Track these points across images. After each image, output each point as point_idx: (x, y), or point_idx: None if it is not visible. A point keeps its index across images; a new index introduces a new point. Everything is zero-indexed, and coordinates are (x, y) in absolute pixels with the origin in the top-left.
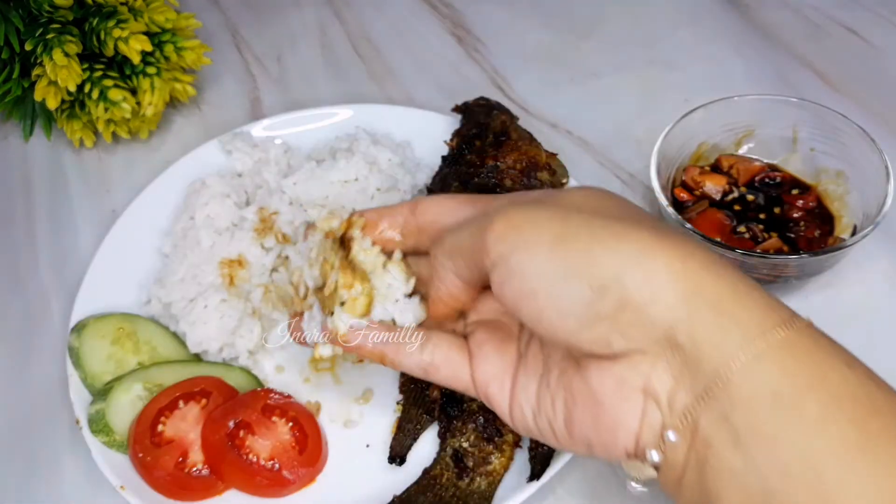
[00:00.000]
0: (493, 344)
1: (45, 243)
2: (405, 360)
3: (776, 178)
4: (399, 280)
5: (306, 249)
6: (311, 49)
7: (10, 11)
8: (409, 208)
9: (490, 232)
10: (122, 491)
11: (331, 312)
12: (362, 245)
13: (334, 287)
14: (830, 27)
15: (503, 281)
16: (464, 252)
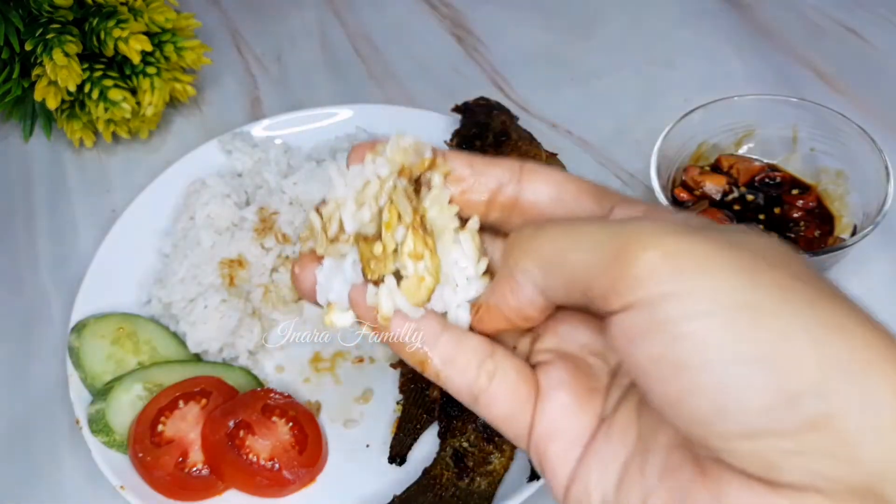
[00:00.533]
0: (573, 391)
1: (45, 243)
2: (455, 377)
3: (776, 178)
4: (469, 259)
5: (353, 177)
6: (311, 49)
7: (10, 11)
8: (513, 172)
9: (634, 260)
10: (122, 491)
11: (379, 279)
12: (439, 199)
13: (394, 249)
14: (830, 27)
15: (639, 335)
16: (572, 269)
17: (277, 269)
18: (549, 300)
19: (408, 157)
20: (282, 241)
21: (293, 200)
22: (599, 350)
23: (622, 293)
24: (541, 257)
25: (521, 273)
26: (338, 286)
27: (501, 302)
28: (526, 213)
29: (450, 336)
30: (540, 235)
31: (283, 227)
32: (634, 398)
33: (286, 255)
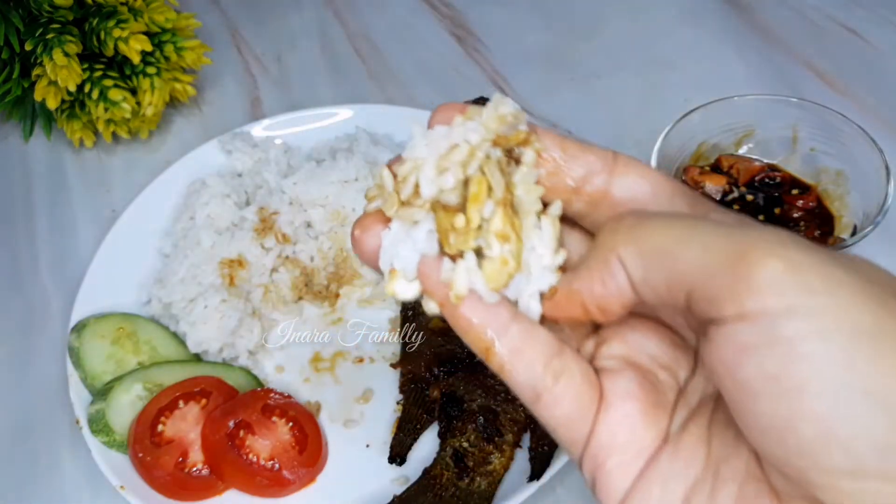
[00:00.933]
0: (639, 403)
1: (45, 243)
2: (520, 371)
3: (776, 178)
4: (548, 247)
5: (438, 138)
6: (311, 49)
7: (10, 11)
8: (605, 161)
9: (757, 266)
10: (122, 491)
11: (457, 254)
12: (528, 178)
13: (479, 224)
14: (830, 27)
15: (754, 348)
16: (681, 265)
17: (277, 269)
18: (640, 296)
19: (503, 127)
20: (282, 241)
21: (293, 200)
22: (668, 364)
23: (740, 300)
24: (646, 247)
25: (619, 261)
26: (405, 253)
27: (586, 289)
28: (615, 208)
29: (520, 327)
30: (648, 224)
31: (283, 227)
32: (704, 419)
33: (286, 255)
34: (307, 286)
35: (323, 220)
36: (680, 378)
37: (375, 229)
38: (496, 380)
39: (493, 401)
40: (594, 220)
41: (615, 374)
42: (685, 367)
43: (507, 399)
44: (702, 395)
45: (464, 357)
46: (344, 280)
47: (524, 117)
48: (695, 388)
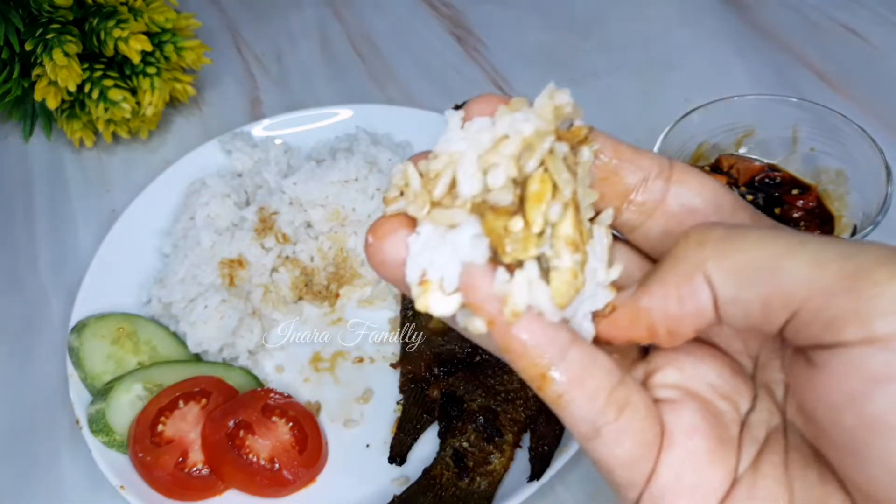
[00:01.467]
0: (706, 439)
1: (45, 243)
2: (580, 403)
3: (776, 178)
4: (602, 260)
5: (479, 131)
6: (311, 49)
7: (10, 11)
8: (662, 168)
9: (886, 285)
10: (122, 491)
11: (514, 262)
12: (584, 180)
13: (541, 230)
14: (830, 27)
15: (885, 377)
16: (785, 282)
17: (277, 269)
18: (723, 317)
19: (559, 119)
20: (282, 241)
21: (293, 200)
22: (728, 393)
23: (867, 321)
24: (740, 263)
25: (706, 277)
26: (443, 261)
27: (658, 308)
28: (671, 219)
29: (580, 351)
30: (741, 237)
31: (283, 227)
32: (777, 457)
33: (286, 255)
34: (307, 286)
35: (323, 220)
36: (741, 409)
37: (398, 234)
38: (496, 380)
39: (493, 401)
40: (645, 233)
41: (676, 406)
42: (746, 398)
43: (507, 399)
44: (768, 429)
45: (464, 357)
46: (344, 280)
47: (581, 111)
48: (759, 421)
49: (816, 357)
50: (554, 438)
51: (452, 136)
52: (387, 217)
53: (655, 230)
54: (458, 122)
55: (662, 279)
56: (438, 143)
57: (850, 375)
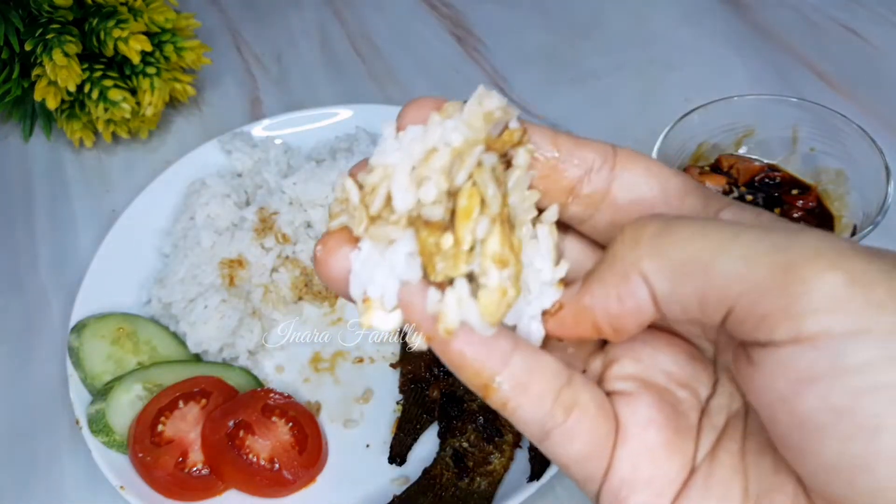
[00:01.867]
0: (661, 430)
1: (45, 243)
2: (526, 407)
3: (776, 179)
4: (547, 259)
5: (412, 141)
6: (310, 49)
7: (10, 12)
8: (605, 157)
9: (814, 280)
10: (122, 491)
11: (445, 280)
12: (522, 183)
13: (471, 246)
14: (830, 27)
15: (816, 378)
16: (718, 279)
17: (277, 269)
18: (664, 313)
19: (489, 125)
20: (282, 241)
21: (293, 200)
22: (686, 381)
23: (795, 320)
24: (675, 259)
25: (642, 275)
26: (382, 279)
27: (599, 307)
28: (618, 210)
29: (523, 356)
30: (675, 232)
31: (283, 227)
32: (735, 444)
33: (286, 255)
34: (307, 286)
35: (323, 220)
36: (701, 396)
37: (342, 250)
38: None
39: None
40: (594, 225)
41: (631, 399)
42: (705, 383)
43: None
44: (728, 414)
45: None
46: None
47: (514, 112)
48: (719, 407)
49: (753, 354)
50: None
51: (387, 147)
52: (331, 232)
53: (603, 222)
54: (391, 132)
55: (601, 278)
56: (374, 153)
57: (781, 376)
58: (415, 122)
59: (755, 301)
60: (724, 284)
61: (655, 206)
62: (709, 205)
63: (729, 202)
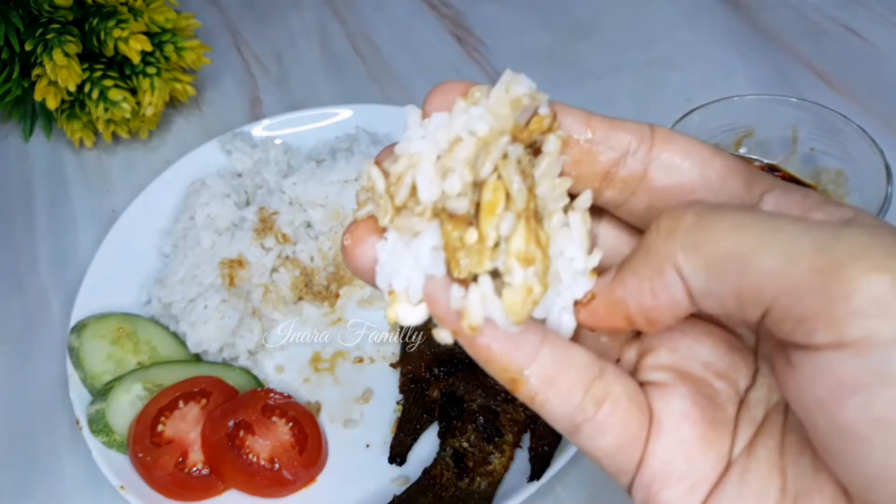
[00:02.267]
0: (696, 423)
1: (45, 243)
2: (555, 401)
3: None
4: (580, 248)
5: (437, 129)
6: (311, 49)
7: (10, 12)
8: (642, 138)
9: (859, 283)
10: (123, 491)
11: (469, 277)
12: (552, 171)
13: (496, 242)
14: (830, 27)
15: (860, 386)
16: (756, 277)
17: (277, 269)
18: (700, 308)
19: (517, 112)
20: (282, 241)
21: (293, 200)
22: (725, 371)
23: (837, 324)
24: (711, 254)
25: (676, 269)
26: (407, 272)
27: (633, 299)
28: (656, 194)
29: (551, 349)
30: (712, 225)
31: (283, 227)
32: (773, 440)
33: (286, 255)
34: (307, 286)
35: (323, 220)
36: (740, 387)
37: (369, 240)
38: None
39: (493, 401)
40: (630, 209)
41: (666, 391)
42: (744, 374)
43: (507, 399)
44: (767, 407)
45: (464, 357)
46: (344, 280)
47: (544, 98)
48: (758, 399)
49: (792, 356)
50: (554, 438)
51: (412, 135)
52: (358, 221)
53: (640, 206)
54: (417, 119)
55: (635, 270)
56: (400, 141)
57: (821, 382)
58: (440, 108)
59: (794, 302)
60: (762, 282)
61: (695, 190)
62: (752, 187)
63: (773, 183)
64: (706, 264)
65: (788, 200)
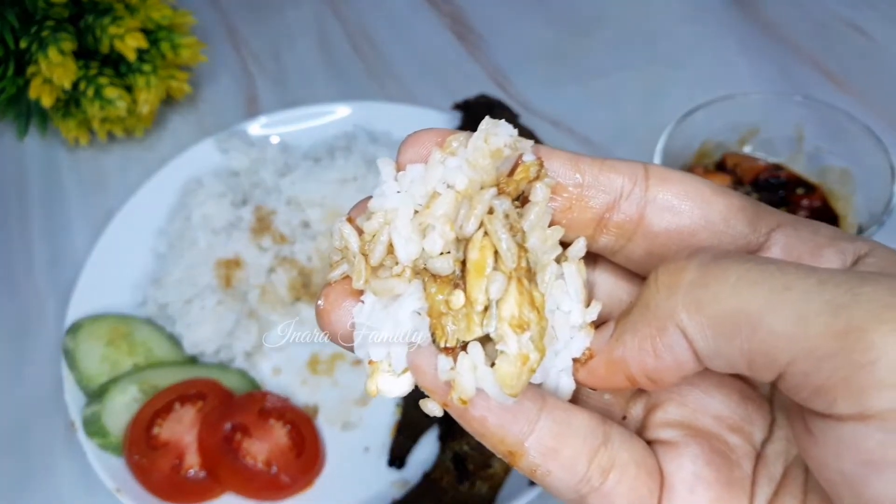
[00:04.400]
0: (711, 486)
1: (40, 243)
2: (558, 473)
3: (781, 177)
4: (576, 300)
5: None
6: (308, 46)
7: (6, 9)
8: (635, 179)
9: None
10: (118, 494)
11: (458, 346)
12: (541, 221)
13: (485, 306)
14: (835, 24)
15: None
16: (767, 341)
17: (274, 269)
18: (708, 367)
19: (497, 161)
20: (279, 240)
21: (290, 200)
22: (739, 424)
23: (860, 395)
24: (716, 314)
25: (680, 329)
26: (387, 339)
27: (633, 360)
28: (654, 238)
29: (551, 417)
30: (716, 280)
31: (280, 226)
32: (795, 498)
33: (283, 255)
34: (304, 287)
35: (320, 219)
36: (755, 440)
37: (345, 304)
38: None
39: None
40: (628, 255)
41: (676, 451)
42: (760, 426)
43: None
44: (786, 462)
45: None
46: None
47: (527, 144)
48: (776, 453)
49: (811, 423)
50: None
51: (387, 189)
52: (332, 283)
53: (638, 252)
54: (391, 172)
55: (634, 329)
56: (374, 195)
57: (845, 455)
58: (415, 159)
59: (811, 369)
60: (775, 346)
61: (696, 232)
62: (758, 225)
63: (780, 219)
64: (712, 324)
65: (798, 239)
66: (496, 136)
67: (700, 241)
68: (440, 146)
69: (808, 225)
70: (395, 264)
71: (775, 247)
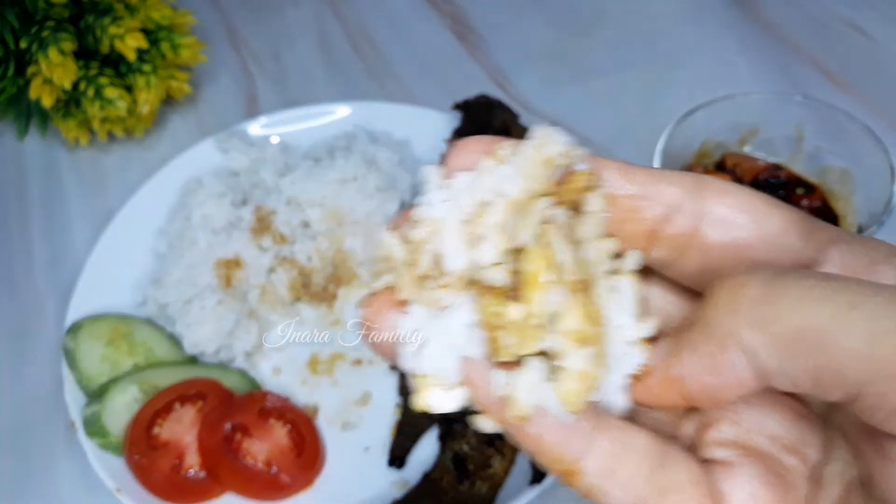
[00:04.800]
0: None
1: (40, 243)
2: (615, 494)
3: (780, 178)
4: (630, 315)
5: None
6: (308, 46)
7: (6, 9)
8: (690, 190)
9: None
10: (119, 494)
11: (512, 360)
12: (595, 232)
13: (542, 320)
14: (835, 24)
15: None
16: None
17: (275, 269)
18: (771, 384)
19: (549, 170)
20: (279, 241)
21: (290, 200)
22: (794, 445)
23: None
24: (782, 333)
25: (742, 347)
26: (437, 351)
27: (693, 377)
28: (709, 252)
29: (609, 435)
30: (780, 297)
31: (281, 226)
32: None
33: (283, 255)
34: (305, 287)
35: (321, 219)
36: (811, 461)
37: (390, 314)
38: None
39: None
40: (681, 269)
41: (731, 471)
42: (815, 446)
43: None
44: (843, 484)
45: None
46: (342, 281)
47: (581, 153)
48: (832, 475)
49: (887, 446)
50: None
51: (433, 198)
52: (376, 294)
53: (692, 265)
54: (437, 180)
55: (693, 346)
56: (421, 203)
57: None
58: (463, 167)
59: (886, 390)
60: (846, 366)
61: (752, 247)
62: (810, 240)
63: (834, 235)
64: (776, 342)
65: (853, 255)
66: (549, 145)
67: (755, 255)
68: (488, 154)
69: (862, 241)
70: (441, 275)
71: (829, 262)
